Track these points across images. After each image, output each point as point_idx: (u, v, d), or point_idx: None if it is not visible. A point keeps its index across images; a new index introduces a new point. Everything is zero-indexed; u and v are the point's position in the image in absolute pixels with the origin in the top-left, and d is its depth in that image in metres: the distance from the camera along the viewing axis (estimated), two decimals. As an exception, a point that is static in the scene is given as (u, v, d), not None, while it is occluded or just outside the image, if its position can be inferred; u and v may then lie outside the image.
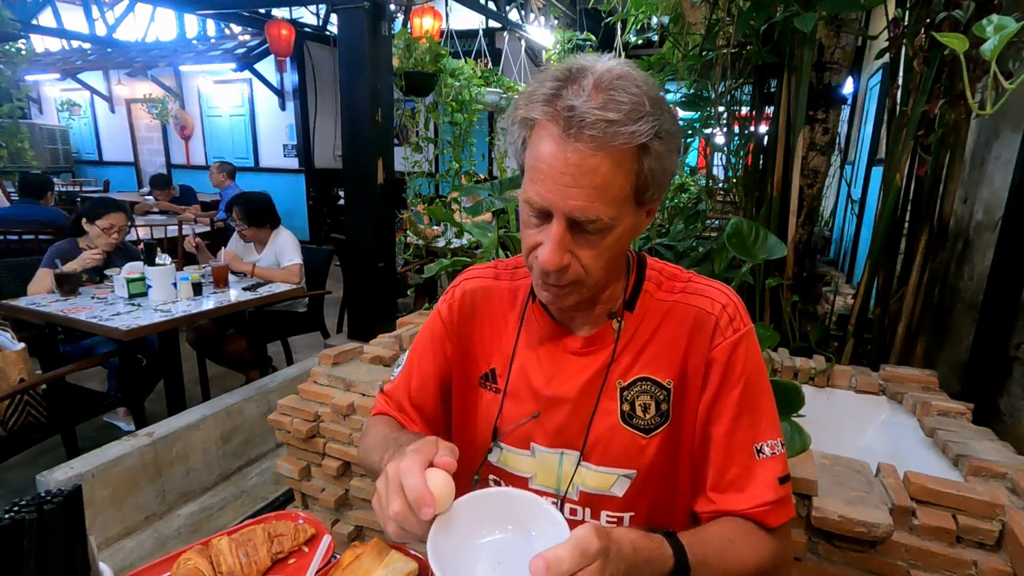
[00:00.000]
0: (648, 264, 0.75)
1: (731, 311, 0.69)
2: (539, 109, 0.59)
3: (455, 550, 0.54)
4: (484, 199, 2.01)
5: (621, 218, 0.61)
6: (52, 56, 8.60)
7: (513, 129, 0.64)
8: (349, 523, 1.65)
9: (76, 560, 0.59)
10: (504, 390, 0.76)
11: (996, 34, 0.94)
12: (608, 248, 0.62)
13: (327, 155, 7.87)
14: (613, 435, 0.70)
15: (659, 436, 0.69)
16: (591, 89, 0.56)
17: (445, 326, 0.81)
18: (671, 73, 2.59)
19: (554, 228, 0.60)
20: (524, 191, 0.62)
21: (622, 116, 0.55)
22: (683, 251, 2.46)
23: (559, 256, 0.60)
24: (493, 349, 0.78)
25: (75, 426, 2.07)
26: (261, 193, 3.00)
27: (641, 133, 0.56)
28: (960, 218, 2.01)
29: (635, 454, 0.69)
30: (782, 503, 0.66)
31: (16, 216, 3.53)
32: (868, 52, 4.19)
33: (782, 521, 0.66)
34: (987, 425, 1.36)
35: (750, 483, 0.66)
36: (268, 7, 5.91)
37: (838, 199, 4.85)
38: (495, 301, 0.80)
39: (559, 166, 0.57)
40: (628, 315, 0.72)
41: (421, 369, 0.82)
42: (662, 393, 0.69)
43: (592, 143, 0.56)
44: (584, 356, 0.72)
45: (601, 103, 0.55)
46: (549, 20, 7.06)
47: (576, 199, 0.58)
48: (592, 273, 0.63)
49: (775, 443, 0.67)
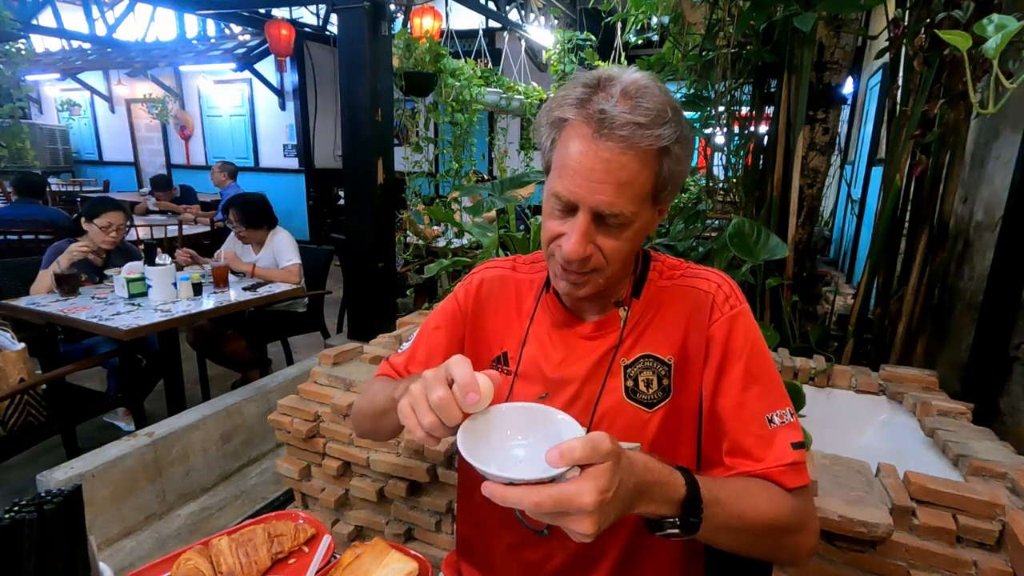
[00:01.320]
0: (652, 257, 0.81)
1: (726, 290, 0.74)
2: (571, 111, 0.64)
3: (481, 446, 0.56)
4: (484, 199, 2.01)
5: (640, 214, 0.66)
6: (52, 56, 8.60)
7: (543, 130, 0.69)
8: (349, 523, 1.65)
9: (76, 560, 0.59)
10: (515, 372, 0.81)
11: (997, 33, 0.94)
12: (626, 241, 0.68)
13: (327, 155, 7.87)
14: (618, 410, 0.74)
15: (661, 410, 0.73)
16: (619, 96, 0.63)
17: (460, 308, 0.87)
18: (671, 73, 2.59)
19: (580, 220, 0.65)
20: (551, 186, 0.68)
21: (649, 120, 0.61)
22: (683, 251, 2.45)
23: (583, 246, 0.66)
24: (507, 334, 0.84)
25: (75, 426, 2.07)
26: (257, 194, 3.00)
27: (664, 137, 0.62)
28: (960, 218, 2.01)
29: (639, 428, 0.73)
30: (797, 467, 0.68)
31: (16, 216, 3.53)
32: (868, 52, 4.19)
33: (799, 484, 0.67)
34: (987, 425, 1.36)
35: (766, 451, 0.68)
36: (268, 7, 5.91)
37: (838, 199, 4.85)
38: (511, 290, 0.86)
39: (589, 163, 0.63)
40: (635, 302, 0.77)
41: (430, 343, 0.88)
42: (663, 369, 0.74)
43: (622, 143, 0.61)
44: (593, 340, 0.77)
45: (630, 108, 0.61)
46: (549, 20, 7.05)
47: (603, 194, 0.63)
48: (611, 263, 0.69)
49: (784, 412, 0.70)
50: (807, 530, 0.68)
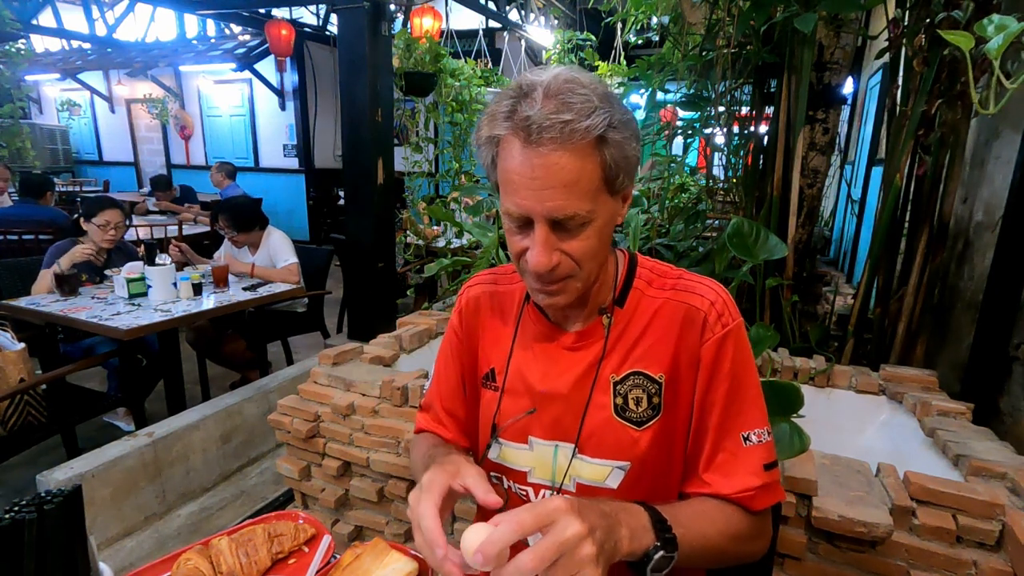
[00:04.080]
0: (639, 263, 0.79)
1: (719, 307, 0.72)
2: (501, 126, 0.63)
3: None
4: (484, 199, 2.01)
5: (597, 209, 0.64)
6: (52, 56, 8.60)
7: (482, 151, 0.67)
8: (349, 523, 1.65)
9: (76, 560, 0.59)
10: (502, 388, 0.80)
11: (999, 34, 0.94)
12: (591, 238, 0.66)
13: (327, 155, 7.86)
14: (607, 428, 0.73)
15: (651, 428, 0.72)
16: (542, 99, 0.60)
17: (458, 335, 0.87)
18: (671, 73, 2.59)
19: (537, 232, 0.64)
20: (502, 204, 0.67)
21: (574, 115, 0.59)
22: (683, 251, 2.45)
23: (548, 257, 0.64)
24: (493, 350, 0.83)
25: (75, 426, 2.07)
26: (244, 197, 3.00)
27: (595, 126, 0.60)
28: (960, 218, 2.01)
29: (628, 446, 0.72)
30: (767, 488, 0.69)
31: (16, 216, 3.53)
32: (868, 52, 4.19)
33: (767, 505, 0.70)
34: (987, 425, 1.36)
35: (736, 468, 0.70)
36: (268, 7, 5.91)
37: (838, 199, 4.85)
38: (495, 305, 0.85)
39: (528, 173, 0.61)
40: (618, 311, 0.75)
41: (448, 377, 0.88)
42: (654, 387, 0.73)
43: (553, 144, 0.60)
44: (576, 351, 0.76)
45: (554, 108, 0.60)
46: (549, 20, 7.06)
47: (552, 200, 0.61)
48: (583, 265, 0.67)
49: (761, 431, 0.71)
50: (762, 537, 0.72)
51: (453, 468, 0.62)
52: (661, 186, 3.25)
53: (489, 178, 0.69)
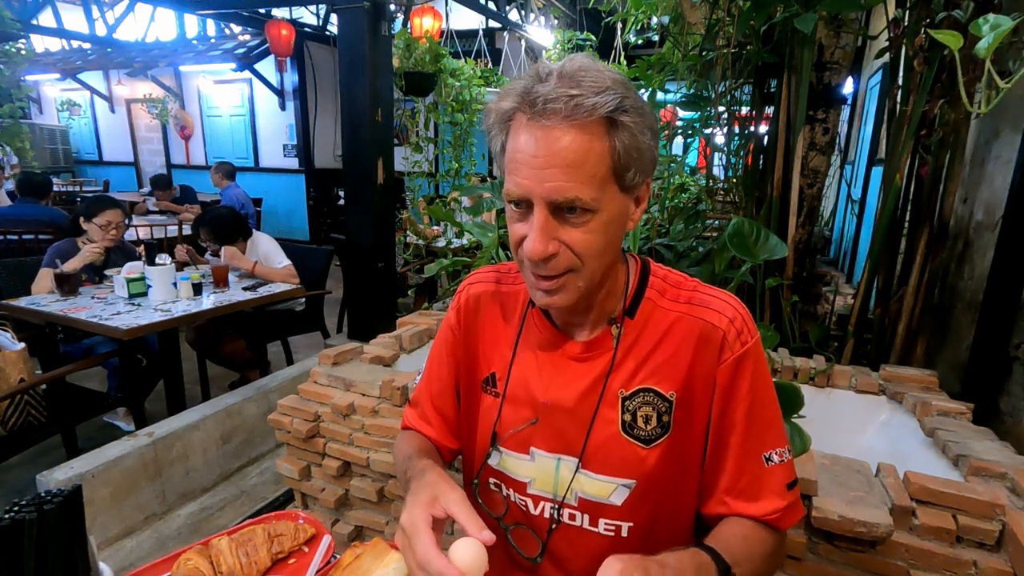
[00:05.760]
0: (652, 270, 0.74)
1: (738, 325, 0.68)
2: (510, 100, 0.61)
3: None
4: (484, 199, 2.01)
5: (603, 201, 0.60)
6: (52, 56, 8.60)
7: (493, 137, 0.65)
8: (349, 523, 1.65)
9: (76, 560, 0.59)
10: (503, 395, 0.76)
11: (991, 32, 0.94)
12: (595, 232, 0.61)
13: (327, 155, 7.86)
14: (614, 445, 0.70)
15: (660, 447, 0.69)
16: (556, 79, 0.59)
17: (454, 332, 0.83)
18: (671, 73, 2.59)
19: (536, 215, 0.60)
20: (504, 188, 0.63)
21: (584, 90, 0.57)
22: (683, 251, 2.45)
23: (544, 243, 0.60)
24: (494, 353, 0.79)
25: (75, 426, 2.07)
26: (224, 207, 2.98)
27: (605, 104, 0.57)
28: (960, 218, 2.01)
29: (635, 464, 0.69)
30: (791, 508, 0.69)
31: (16, 216, 3.53)
32: (868, 52, 4.19)
33: (791, 524, 0.70)
34: (987, 425, 1.36)
35: (761, 491, 0.69)
36: (268, 7, 5.92)
37: (838, 199, 4.85)
38: (497, 306, 0.80)
39: (531, 150, 0.58)
40: (629, 321, 0.71)
41: (440, 375, 0.84)
42: (664, 405, 0.69)
43: (556, 118, 0.57)
44: (583, 362, 0.72)
45: (565, 85, 0.58)
46: (549, 20, 7.06)
47: (552, 180, 0.58)
48: (585, 261, 0.62)
49: (783, 451, 0.70)
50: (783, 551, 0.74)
51: (429, 497, 0.61)
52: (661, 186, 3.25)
53: (498, 166, 0.66)
